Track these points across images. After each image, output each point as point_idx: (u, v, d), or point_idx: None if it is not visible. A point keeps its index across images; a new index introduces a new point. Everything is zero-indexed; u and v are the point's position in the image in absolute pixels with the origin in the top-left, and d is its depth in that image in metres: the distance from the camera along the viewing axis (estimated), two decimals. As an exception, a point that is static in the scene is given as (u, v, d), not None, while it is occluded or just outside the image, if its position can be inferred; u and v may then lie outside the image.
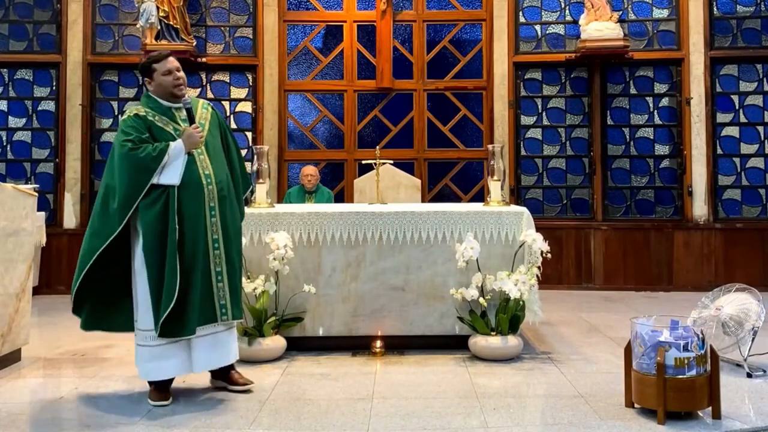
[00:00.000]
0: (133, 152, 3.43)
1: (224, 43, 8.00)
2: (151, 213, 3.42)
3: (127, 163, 3.42)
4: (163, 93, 3.61)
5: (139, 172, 3.41)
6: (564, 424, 3.24)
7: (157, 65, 3.59)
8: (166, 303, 3.37)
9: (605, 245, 7.58)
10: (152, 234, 3.41)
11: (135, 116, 3.54)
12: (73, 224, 7.60)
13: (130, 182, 3.41)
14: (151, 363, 3.51)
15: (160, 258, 3.40)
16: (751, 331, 3.96)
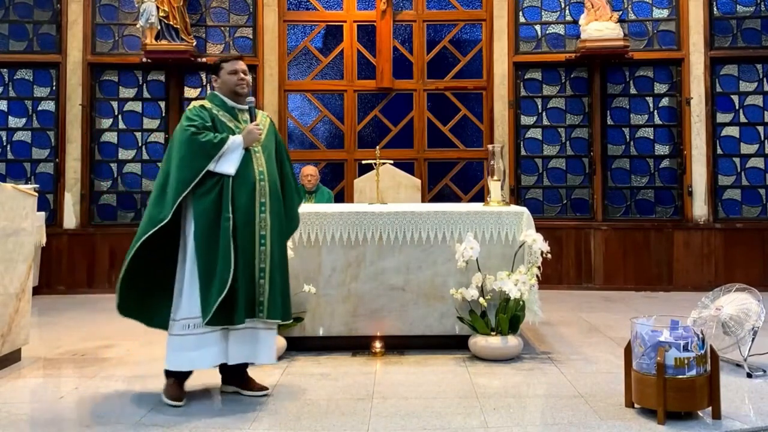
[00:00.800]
0: (196, 136, 3.51)
1: (224, 43, 8.00)
2: (206, 201, 3.48)
3: (188, 147, 3.50)
4: (226, 90, 3.73)
5: (198, 157, 3.48)
6: (564, 424, 3.24)
7: (225, 64, 3.74)
8: (219, 289, 3.39)
9: (605, 245, 7.58)
10: (205, 221, 3.47)
11: (201, 107, 3.67)
12: (73, 224, 7.60)
13: (188, 166, 3.47)
14: (194, 352, 3.50)
15: (212, 245, 3.44)
16: (751, 331, 3.96)
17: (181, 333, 3.52)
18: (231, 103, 3.74)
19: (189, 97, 7.93)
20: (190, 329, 3.50)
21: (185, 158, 3.49)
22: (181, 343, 3.53)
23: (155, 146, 7.85)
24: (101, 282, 7.53)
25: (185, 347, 3.52)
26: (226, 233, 3.45)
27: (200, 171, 3.47)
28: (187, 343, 3.51)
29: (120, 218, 7.77)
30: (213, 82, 3.80)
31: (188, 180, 3.46)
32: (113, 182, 7.81)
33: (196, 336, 3.49)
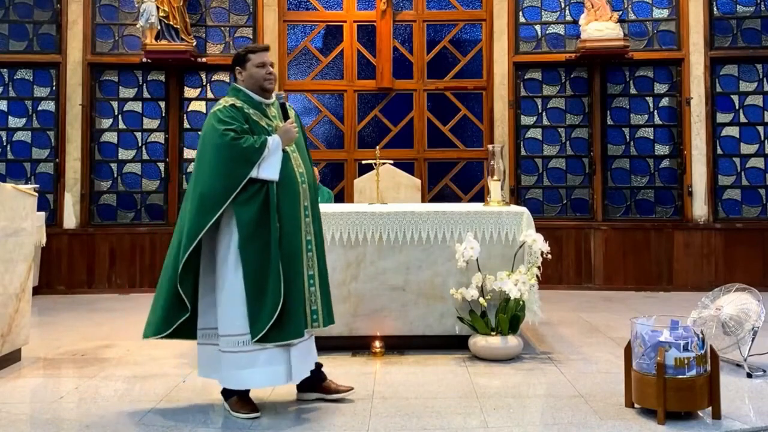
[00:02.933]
0: (236, 142, 3.27)
1: (224, 43, 8.00)
2: (251, 209, 3.26)
3: (229, 153, 3.27)
4: (253, 85, 3.49)
5: (240, 164, 3.26)
6: (564, 424, 3.24)
7: (252, 55, 3.48)
8: (272, 306, 3.20)
9: (605, 245, 7.58)
10: (251, 231, 3.24)
11: (232, 106, 3.40)
12: (73, 224, 7.60)
13: (230, 174, 3.25)
14: (246, 370, 3.26)
15: (261, 257, 3.24)
16: (751, 331, 3.96)
17: (231, 350, 3.27)
18: (257, 98, 3.49)
19: (189, 97, 7.93)
20: (240, 346, 3.26)
21: (226, 165, 3.26)
22: (231, 360, 3.28)
23: (155, 146, 7.85)
24: (101, 282, 7.53)
25: (238, 364, 3.27)
26: (276, 244, 3.25)
27: (243, 179, 3.24)
28: (239, 360, 3.26)
29: (120, 218, 7.77)
30: (237, 75, 3.52)
31: (231, 188, 3.23)
32: (113, 182, 7.81)
33: (246, 354, 3.26)
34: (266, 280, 3.23)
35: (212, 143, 3.32)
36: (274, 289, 3.23)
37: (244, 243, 3.25)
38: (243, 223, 3.26)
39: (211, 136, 3.33)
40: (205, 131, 3.40)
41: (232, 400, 3.39)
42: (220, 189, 3.25)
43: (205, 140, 3.37)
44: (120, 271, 7.56)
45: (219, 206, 3.24)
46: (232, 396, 3.39)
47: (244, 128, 3.35)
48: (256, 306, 3.22)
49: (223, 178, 3.26)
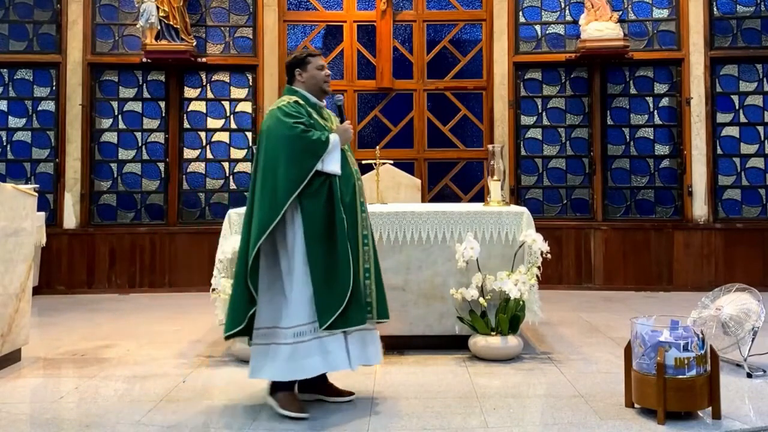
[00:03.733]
0: (306, 134, 3.37)
1: (224, 43, 8.00)
2: (317, 201, 3.35)
3: (298, 145, 3.35)
4: (313, 87, 3.60)
5: (308, 156, 3.35)
6: (564, 424, 3.24)
7: (312, 58, 3.62)
8: (341, 292, 3.29)
9: (605, 245, 7.58)
10: (318, 223, 3.33)
11: (296, 103, 3.50)
12: (73, 224, 7.60)
13: (298, 165, 3.33)
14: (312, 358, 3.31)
15: (329, 247, 3.32)
16: (751, 331, 3.96)
17: (291, 341, 3.31)
18: (314, 99, 3.60)
19: (189, 97, 7.93)
20: (301, 336, 3.31)
21: (294, 157, 3.34)
22: (289, 352, 3.30)
23: (155, 146, 7.86)
24: (101, 282, 7.53)
25: (301, 355, 3.30)
26: (343, 234, 3.35)
27: (310, 170, 3.33)
28: (302, 350, 3.30)
29: (120, 218, 7.77)
30: (297, 76, 3.60)
31: (299, 180, 3.31)
32: (113, 182, 7.81)
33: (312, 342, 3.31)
34: (335, 268, 3.31)
35: (280, 135, 3.39)
36: (343, 277, 3.32)
37: (313, 234, 3.32)
38: (311, 214, 3.34)
39: (278, 129, 3.40)
40: (268, 126, 3.45)
41: (279, 396, 3.40)
42: (289, 180, 3.31)
43: (271, 134, 3.42)
44: (120, 271, 7.56)
45: (288, 197, 3.29)
46: (279, 392, 3.40)
47: (310, 122, 3.45)
48: (326, 295, 3.29)
49: (292, 169, 3.32)
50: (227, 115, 7.95)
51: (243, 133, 7.93)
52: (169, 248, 7.61)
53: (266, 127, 3.47)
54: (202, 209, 7.85)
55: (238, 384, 3.94)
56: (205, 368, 4.30)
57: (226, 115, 7.95)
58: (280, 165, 3.34)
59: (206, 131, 7.93)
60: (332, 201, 3.37)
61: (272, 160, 3.38)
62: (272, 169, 3.36)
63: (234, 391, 3.81)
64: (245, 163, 7.86)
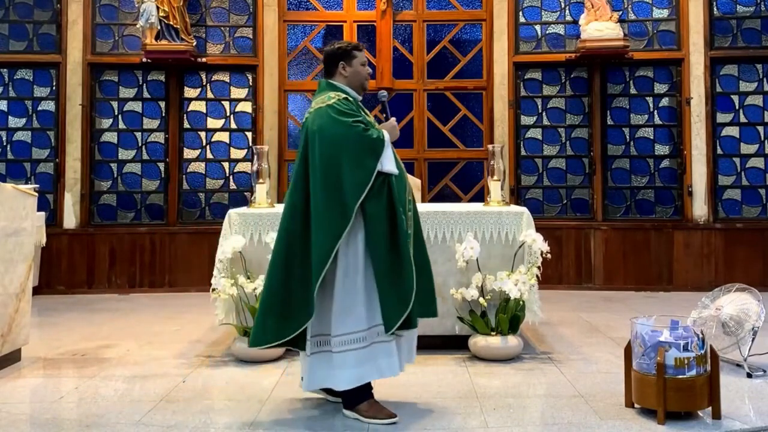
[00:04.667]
0: (367, 133, 3.23)
1: (224, 43, 8.00)
2: (380, 203, 3.21)
3: (360, 145, 3.20)
4: (355, 82, 3.43)
5: (370, 157, 3.20)
6: (564, 424, 3.24)
7: (358, 53, 3.43)
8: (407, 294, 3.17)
9: (605, 245, 7.58)
10: (381, 225, 3.20)
11: (346, 100, 3.33)
12: (73, 224, 7.60)
13: (362, 166, 3.18)
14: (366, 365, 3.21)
15: (389, 250, 3.19)
16: (751, 331, 3.96)
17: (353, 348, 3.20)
18: (355, 94, 3.42)
19: (189, 97, 7.93)
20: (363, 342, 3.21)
21: (358, 158, 3.18)
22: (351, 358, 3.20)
23: (155, 146, 7.85)
24: (101, 282, 7.53)
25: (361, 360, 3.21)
26: (405, 235, 3.23)
27: (374, 171, 3.18)
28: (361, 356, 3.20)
29: (120, 218, 7.77)
30: (341, 70, 3.40)
31: (365, 182, 3.15)
32: (113, 182, 7.81)
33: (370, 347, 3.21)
34: (400, 271, 3.19)
35: (340, 136, 3.21)
36: (408, 279, 3.20)
37: (375, 237, 3.19)
38: (373, 216, 3.20)
39: (336, 129, 3.22)
40: (321, 126, 3.25)
41: (362, 407, 3.28)
42: (355, 183, 3.16)
43: (327, 134, 3.22)
44: (120, 271, 7.56)
45: (357, 200, 3.15)
46: (360, 403, 3.29)
47: (367, 120, 3.32)
48: (392, 297, 3.18)
49: (356, 170, 3.17)
50: (227, 115, 7.95)
51: (243, 133, 7.93)
52: (169, 248, 7.61)
53: (318, 127, 3.25)
54: (202, 209, 7.84)
55: (238, 384, 3.94)
56: (205, 368, 4.30)
57: (226, 115, 7.95)
58: (343, 167, 3.17)
59: (206, 131, 7.92)
60: (392, 201, 3.24)
61: (332, 162, 3.19)
62: (334, 172, 3.17)
63: (234, 391, 3.81)
64: (245, 163, 7.86)
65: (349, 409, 3.32)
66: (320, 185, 3.19)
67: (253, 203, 4.91)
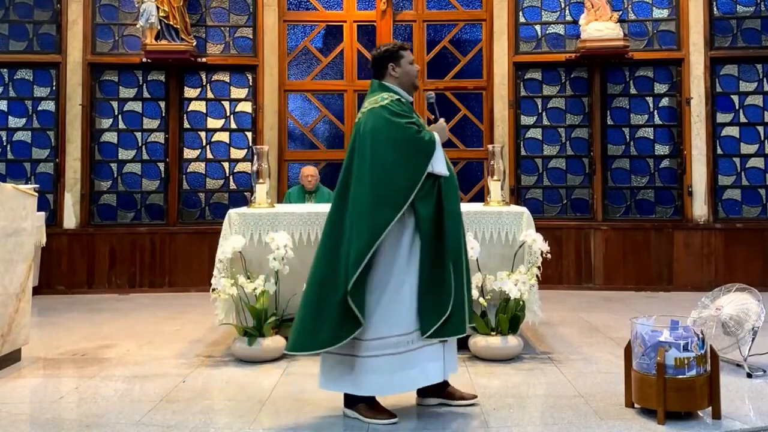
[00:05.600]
0: (420, 135, 3.24)
1: (224, 43, 8.00)
2: (430, 204, 3.20)
3: (413, 147, 3.21)
4: (406, 82, 3.43)
5: (421, 157, 3.20)
6: (564, 424, 3.24)
7: (405, 53, 3.43)
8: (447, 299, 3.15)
9: (605, 245, 7.58)
10: (431, 227, 3.18)
11: (398, 101, 3.34)
12: (73, 224, 7.60)
13: (413, 167, 3.18)
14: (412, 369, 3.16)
15: (434, 253, 3.17)
16: (751, 331, 3.96)
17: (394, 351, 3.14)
18: (407, 96, 3.42)
19: (189, 97, 7.93)
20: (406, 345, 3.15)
21: (410, 159, 3.19)
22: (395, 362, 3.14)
23: (155, 146, 7.85)
24: (101, 282, 7.53)
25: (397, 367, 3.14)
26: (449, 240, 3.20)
27: (424, 172, 3.18)
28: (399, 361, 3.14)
29: (120, 218, 7.77)
30: (391, 71, 3.40)
31: (414, 183, 3.14)
32: (113, 182, 7.81)
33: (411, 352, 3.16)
34: (442, 275, 3.17)
35: (394, 137, 3.22)
36: (448, 284, 3.18)
37: (426, 238, 3.17)
38: (424, 218, 3.18)
39: (390, 130, 3.23)
40: (373, 127, 3.24)
41: (362, 407, 3.25)
42: (404, 183, 3.15)
43: (380, 135, 3.22)
44: (120, 271, 7.56)
45: (404, 201, 3.13)
46: (358, 403, 3.26)
47: (419, 122, 3.33)
48: (433, 301, 3.15)
49: (408, 172, 3.17)
50: (227, 115, 7.95)
51: (243, 133, 7.93)
52: (169, 248, 7.61)
53: (370, 128, 3.24)
54: (202, 209, 7.85)
55: (238, 384, 3.94)
56: (205, 368, 4.30)
57: (226, 115, 7.95)
58: (394, 168, 3.17)
59: (206, 131, 7.93)
60: (440, 204, 3.22)
61: (383, 162, 3.18)
62: (384, 172, 3.16)
63: (234, 391, 3.81)
64: (245, 163, 7.86)
65: (349, 407, 3.31)
66: (368, 184, 3.17)
67: (253, 203, 4.92)
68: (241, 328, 4.42)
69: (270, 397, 3.67)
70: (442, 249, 3.19)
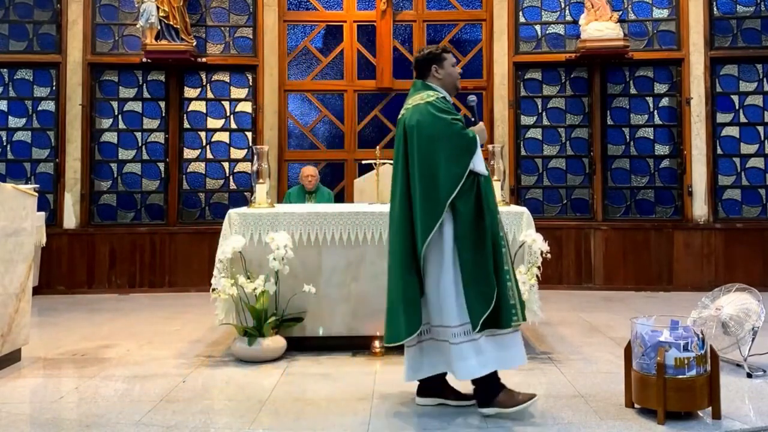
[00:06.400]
0: (465, 132, 3.30)
1: (224, 43, 8.00)
2: (469, 201, 3.25)
3: (458, 142, 3.28)
4: (449, 84, 3.50)
5: (466, 154, 3.27)
6: (564, 424, 3.24)
7: (448, 55, 3.50)
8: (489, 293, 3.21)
9: (605, 245, 7.58)
10: (469, 222, 3.24)
11: (444, 99, 3.42)
12: (73, 224, 7.60)
13: (458, 163, 3.24)
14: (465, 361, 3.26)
15: (475, 249, 3.23)
16: (751, 331, 3.96)
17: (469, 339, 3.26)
18: (449, 97, 3.49)
19: (189, 97, 7.93)
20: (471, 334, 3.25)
21: (455, 155, 3.26)
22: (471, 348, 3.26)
23: (155, 146, 7.85)
24: (101, 282, 7.53)
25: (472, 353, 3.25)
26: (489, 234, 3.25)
27: (467, 168, 3.24)
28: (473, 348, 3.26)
29: (120, 218, 7.77)
30: (434, 73, 3.47)
31: (459, 178, 3.22)
32: (113, 182, 7.81)
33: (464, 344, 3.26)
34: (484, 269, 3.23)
35: (439, 133, 3.29)
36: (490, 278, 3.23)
37: (464, 235, 3.24)
38: (463, 214, 3.25)
39: (436, 126, 3.30)
40: (419, 122, 3.32)
41: (501, 398, 3.31)
42: (450, 179, 3.24)
43: (425, 130, 3.30)
44: (120, 271, 7.56)
45: (449, 196, 3.23)
46: (496, 396, 3.31)
47: (463, 121, 3.38)
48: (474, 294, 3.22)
49: (452, 167, 3.25)
50: (227, 115, 7.95)
51: (243, 133, 7.93)
52: (169, 248, 7.61)
53: (416, 122, 3.33)
54: (202, 209, 7.85)
55: (238, 384, 3.94)
56: (205, 368, 4.30)
57: (226, 115, 7.95)
58: (440, 163, 3.25)
59: (206, 131, 7.93)
60: (480, 201, 3.28)
61: (429, 156, 3.27)
62: (430, 167, 3.27)
63: (234, 391, 3.81)
64: (245, 163, 7.86)
65: (486, 406, 3.33)
66: (418, 178, 3.29)
67: (253, 203, 4.92)
68: (241, 328, 4.43)
69: (270, 397, 3.67)
70: (483, 245, 3.24)
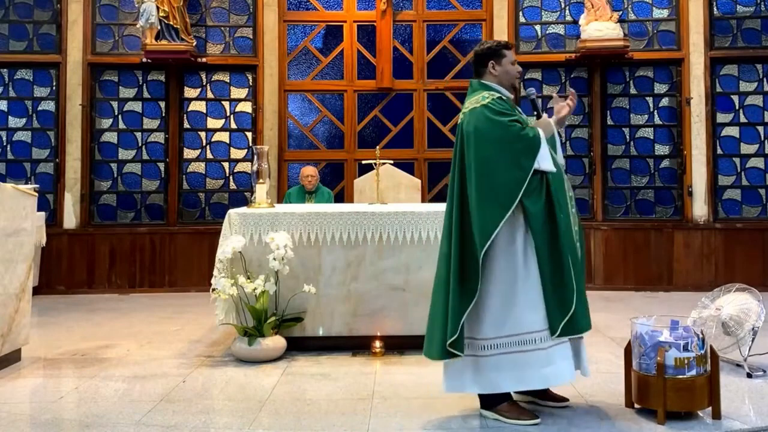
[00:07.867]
0: (523, 133, 3.21)
1: (224, 43, 8.00)
2: (539, 201, 3.17)
3: (517, 145, 3.18)
4: (506, 81, 3.40)
5: (527, 155, 3.17)
6: (564, 424, 3.24)
7: (507, 51, 3.40)
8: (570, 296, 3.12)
9: (605, 245, 7.58)
10: (542, 223, 3.15)
11: (500, 99, 3.31)
12: (73, 224, 7.60)
13: (520, 165, 3.15)
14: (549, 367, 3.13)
15: (551, 250, 3.14)
16: (751, 331, 3.96)
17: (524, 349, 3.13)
18: (507, 94, 3.40)
19: (189, 97, 7.93)
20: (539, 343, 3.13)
21: (515, 158, 3.16)
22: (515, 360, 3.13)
23: (155, 146, 7.85)
24: (101, 282, 7.53)
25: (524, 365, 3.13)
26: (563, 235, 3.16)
27: (530, 170, 3.15)
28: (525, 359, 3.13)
29: (120, 218, 7.77)
30: (491, 69, 3.37)
31: (522, 180, 3.12)
32: (113, 182, 7.81)
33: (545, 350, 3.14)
34: (561, 271, 3.15)
35: (497, 136, 3.20)
36: (569, 279, 3.14)
37: (538, 236, 3.15)
38: (534, 215, 3.16)
39: (493, 130, 3.21)
40: (476, 126, 3.23)
41: (503, 407, 3.24)
42: (511, 183, 3.14)
43: (483, 135, 3.21)
44: (120, 271, 7.56)
45: (513, 199, 3.12)
46: (501, 403, 3.25)
47: (522, 119, 3.31)
48: (556, 299, 3.13)
49: (513, 170, 3.15)
50: (227, 115, 7.95)
51: (243, 133, 7.93)
52: (169, 248, 7.61)
53: (473, 128, 3.23)
54: (202, 209, 7.85)
55: (238, 384, 3.94)
56: (205, 368, 4.30)
57: (226, 115, 7.95)
58: (499, 167, 3.16)
59: (206, 131, 7.93)
60: (551, 200, 3.19)
61: (488, 162, 3.18)
62: (489, 172, 3.16)
63: (234, 391, 3.81)
64: (245, 163, 7.86)
65: (488, 409, 3.28)
66: (474, 186, 3.18)
67: (253, 203, 4.92)
68: (241, 328, 4.43)
69: (270, 397, 3.67)
70: (558, 245, 3.16)
